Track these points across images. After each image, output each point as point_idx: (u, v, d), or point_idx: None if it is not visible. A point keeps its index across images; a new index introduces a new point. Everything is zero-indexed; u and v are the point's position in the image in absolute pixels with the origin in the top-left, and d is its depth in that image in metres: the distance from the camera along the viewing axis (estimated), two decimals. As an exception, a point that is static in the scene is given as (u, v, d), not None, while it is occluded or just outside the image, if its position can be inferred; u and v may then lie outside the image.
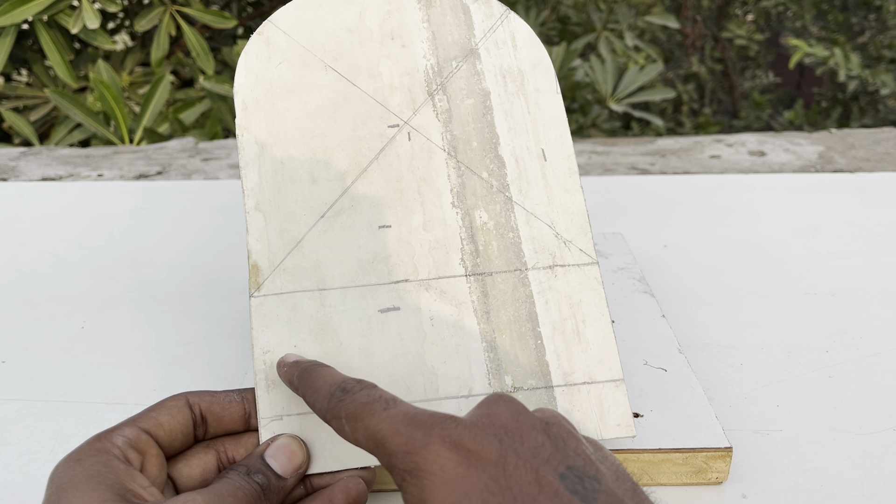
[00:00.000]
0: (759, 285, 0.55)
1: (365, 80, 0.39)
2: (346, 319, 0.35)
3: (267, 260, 0.36)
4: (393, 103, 0.39)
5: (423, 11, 0.41)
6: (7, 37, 1.11)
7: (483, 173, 0.38)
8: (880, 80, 2.34)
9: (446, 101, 0.39)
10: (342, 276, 0.36)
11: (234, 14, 1.60)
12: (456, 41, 0.40)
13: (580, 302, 0.36)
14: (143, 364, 0.47)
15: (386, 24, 0.40)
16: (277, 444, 0.32)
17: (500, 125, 0.39)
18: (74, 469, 0.28)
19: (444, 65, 0.40)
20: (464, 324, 0.35)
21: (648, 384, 0.41)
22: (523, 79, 0.40)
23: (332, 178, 0.37)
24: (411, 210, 0.37)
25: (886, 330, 0.49)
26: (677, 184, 0.75)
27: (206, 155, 0.90)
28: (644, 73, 1.57)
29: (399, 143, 0.38)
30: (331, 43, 0.40)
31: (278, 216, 0.37)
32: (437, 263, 0.36)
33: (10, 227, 0.67)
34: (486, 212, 0.38)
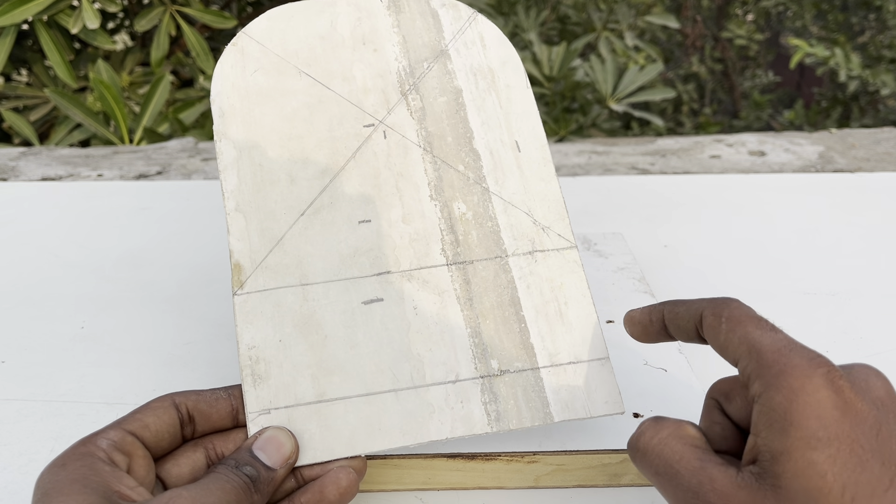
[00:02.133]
0: (759, 285, 0.55)
1: (339, 84, 0.40)
2: (330, 312, 0.35)
3: (249, 258, 0.36)
4: (367, 104, 0.40)
5: (393, 17, 0.42)
6: (7, 37, 1.11)
7: (459, 166, 0.39)
8: (880, 80, 2.34)
9: (420, 100, 0.40)
10: (324, 270, 0.36)
11: (234, 14, 1.60)
12: (426, 44, 0.42)
13: (561, 285, 0.37)
14: (143, 364, 0.47)
15: (357, 30, 0.42)
16: (265, 436, 0.32)
17: (473, 120, 0.40)
18: (59, 474, 0.28)
19: (416, 66, 0.41)
20: (447, 311, 0.36)
21: (648, 384, 0.41)
22: (493, 76, 0.41)
23: (310, 177, 0.38)
24: (390, 204, 0.38)
25: (886, 330, 0.49)
26: (677, 184, 0.75)
27: (206, 155, 0.90)
28: (644, 73, 1.57)
29: (375, 142, 0.39)
30: (304, 50, 0.41)
31: (258, 216, 0.37)
32: (418, 254, 0.37)
33: (9, 227, 0.66)
34: (463, 203, 0.38)
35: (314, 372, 0.34)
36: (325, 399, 0.34)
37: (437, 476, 0.35)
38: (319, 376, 0.34)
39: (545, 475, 0.35)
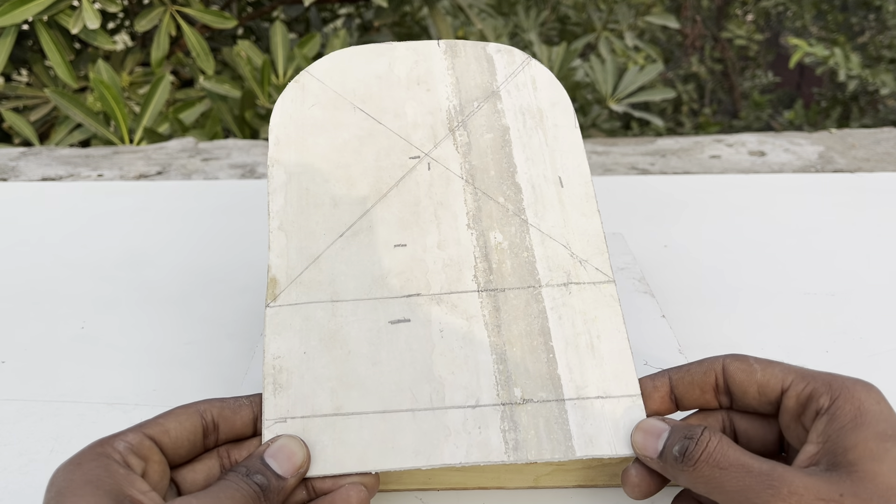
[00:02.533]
0: (759, 285, 0.55)
1: (390, 119, 0.42)
2: (357, 329, 0.36)
3: (285, 274, 0.38)
4: (415, 138, 0.42)
5: (449, 61, 0.45)
6: (7, 37, 1.11)
7: (499, 198, 0.40)
8: (880, 79, 2.34)
9: (466, 136, 0.42)
10: (356, 289, 0.37)
11: (235, 14, 1.60)
12: (478, 85, 0.44)
13: (595, 318, 0.36)
14: (143, 364, 0.47)
15: (413, 72, 0.44)
16: (277, 444, 0.32)
17: (517, 156, 0.41)
18: (74, 473, 0.28)
19: (466, 105, 0.43)
20: (474, 336, 0.36)
21: (648, 384, 0.41)
22: (542, 115, 0.43)
23: (352, 202, 0.40)
24: (427, 231, 0.39)
25: (886, 330, 0.49)
26: (677, 184, 0.75)
27: (206, 155, 0.90)
28: (644, 73, 1.57)
29: (418, 172, 0.41)
30: (360, 88, 0.43)
31: (299, 235, 0.39)
32: (449, 279, 0.37)
33: (10, 227, 0.67)
34: (500, 233, 0.39)
35: (334, 385, 0.34)
36: (342, 413, 0.34)
37: (437, 476, 0.35)
38: (338, 390, 0.34)
39: (545, 475, 0.35)
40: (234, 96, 1.18)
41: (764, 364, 0.33)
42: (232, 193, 0.74)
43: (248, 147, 0.93)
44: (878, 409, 0.29)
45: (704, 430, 0.30)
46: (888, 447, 0.28)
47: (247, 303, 0.54)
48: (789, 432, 0.32)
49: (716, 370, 0.33)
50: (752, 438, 0.33)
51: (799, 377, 0.31)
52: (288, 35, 1.27)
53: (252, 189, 0.75)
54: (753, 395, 0.32)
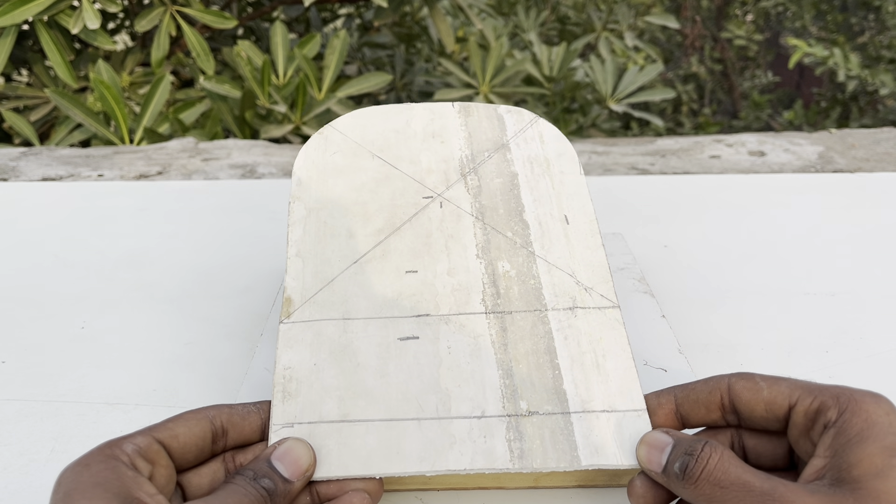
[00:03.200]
0: (758, 285, 0.55)
1: (406, 165, 0.46)
2: (366, 344, 0.37)
3: (300, 294, 0.40)
4: (429, 181, 0.45)
5: (462, 119, 0.49)
6: (7, 37, 1.11)
7: (507, 233, 0.42)
8: (879, 80, 2.34)
9: (477, 180, 0.45)
10: (367, 308, 0.39)
11: (235, 14, 1.60)
12: (489, 138, 0.47)
13: (600, 339, 0.37)
14: (143, 364, 0.47)
15: (429, 127, 0.48)
16: (284, 447, 0.32)
17: (525, 197, 0.44)
18: (82, 475, 0.28)
19: (478, 154, 0.47)
20: (480, 352, 0.37)
21: (648, 384, 0.41)
22: (549, 164, 0.46)
23: (367, 234, 0.42)
24: (437, 259, 0.41)
25: (886, 330, 0.49)
26: (677, 184, 0.75)
27: (207, 155, 0.90)
28: (644, 73, 1.57)
29: (431, 210, 0.44)
30: (379, 140, 0.47)
31: (315, 262, 0.41)
32: (458, 302, 0.39)
33: (10, 227, 0.67)
34: (508, 262, 0.41)
35: (342, 394, 0.35)
36: (348, 419, 0.34)
37: (438, 476, 0.35)
38: (346, 398, 0.35)
39: (545, 475, 0.36)
40: (235, 96, 1.18)
41: (770, 381, 0.32)
42: (232, 193, 0.74)
43: (249, 147, 0.93)
44: (887, 422, 0.29)
45: (706, 446, 0.30)
46: (894, 463, 0.27)
47: (247, 303, 0.54)
48: (799, 448, 0.32)
49: (721, 389, 0.33)
50: (762, 455, 0.33)
51: (806, 392, 0.31)
52: (288, 35, 1.27)
53: (252, 189, 0.75)
54: (761, 412, 0.32)
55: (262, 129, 1.14)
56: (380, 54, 1.78)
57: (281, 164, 0.87)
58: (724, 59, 3.23)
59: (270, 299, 0.54)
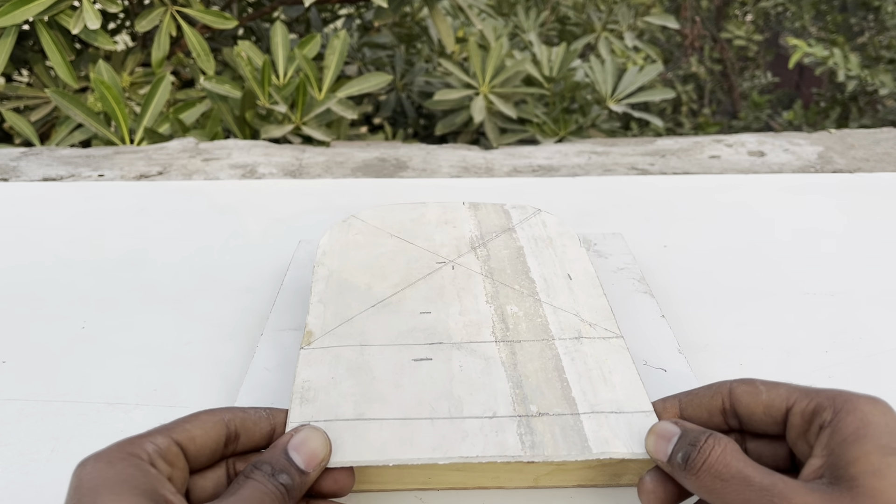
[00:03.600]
0: (759, 285, 0.55)
1: (421, 241, 0.51)
2: (382, 363, 0.39)
3: (320, 328, 0.42)
4: (442, 252, 0.50)
5: (472, 212, 0.55)
6: (8, 37, 1.11)
7: (515, 286, 0.46)
8: (879, 80, 2.34)
9: (486, 252, 0.50)
10: (383, 338, 0.41)
11: (235, 15, 1.60)
12: (496, 224, 0.53)
13: (606, 360, 0.39)
14: (143, 364, 0.47)
15: (441, 217, 0.54)
16: (301, 436, 0.32)
17: (531, 261, 0.49)
18: (106, 472, 0.28)
19: (486, 234, 0.52)
20: (491, 370, 0.39)
21: (648, 384, 0.41)
22: (552, 240, 0.51)
23: (385, 287, 0.46)
24: (450, 304, 0.44)
25: (886, 330, 0.50)
26: (677, 184, 0.75)
27: (207, 155, 0.90)
28: (643, 73, 1.57)
29: (444, 271, 0.48)
30: (397, 225, 0.53)
31: (336, 306, 0.44)
32: (469, 334, 0.42)
33: (10, 227, 0.67)
34: (516, 306, 0.44)
35: (357, 399, 0.37)
36: (364, 418, 0.35)
37: (437, 476, 0.35)
38: (361, 402, 0.36)
39: (545, 475, 0.36)
40: (235, 97, 1.18)
41: (769, 385, 0.33)
42: (232, 193, 0.74)
43: (249, 147, 0.93)
44: (884, 422, 0.29)
45: (709, 437, 0.30)
46: (890, 462, 0.28)
47: (247, 303, 0.54)
48: (797, 449, 0.32)
49: (723, 394, 0.34)
50: (763, 458, 0.34)
51: (803, 394, 0.32)
52: (288, 35, 1.27)
53: (252, 189, 0.75)
54: (760, 415, 0.33)
55: (263, 130, 1.14)
56: (380, 54, 1.78)
57: (281, 164, 0.87)
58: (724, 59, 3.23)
59: (270, 299, 0.54)
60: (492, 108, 1.45)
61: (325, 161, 0.88)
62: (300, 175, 0.84)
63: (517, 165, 0.86)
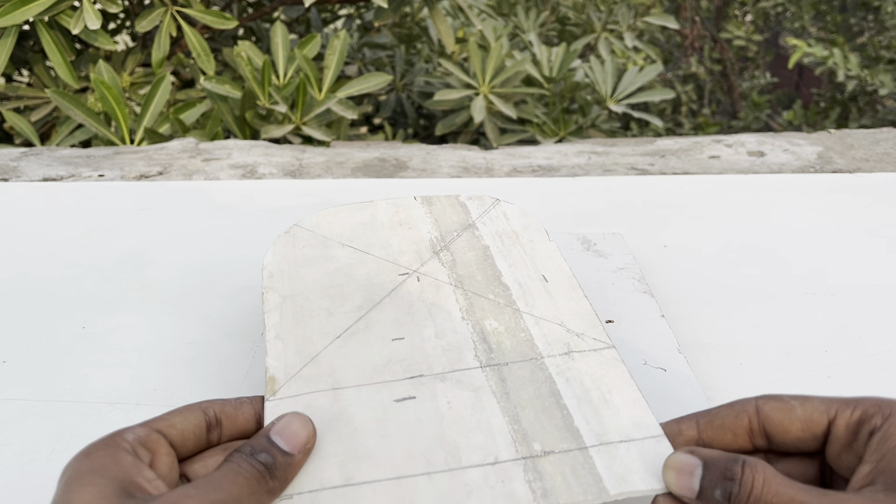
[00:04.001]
0: (759, 285, 0.55)
1: (377, 250, 0.46)
2: (361, 409, 0.35)
3: (283, 372, 0.38)
4: (402, 261, 0.45)
5: (426, 208, 0.50)
6: (8, 37, 1.11)
7: (489, 295, 0.42)
8: (879, 80, 2.34)
9: (450, 255, 0.46)
10: (356, 377, 0.37)
11: (235, 15, 1.60)
12: (455, 221, 0.49)
13: (602, 377, 0.37)
14: (143, 364, 0.47)
15: (394, 217, 0.49)
16: (283, 421, 0.33)
17: (500, 264, 0.45)
18: (82, 463, 0.29)
19: (447, 234, 0.47)
20: (483, 403, 0.35)
21: (648, 384, 0.41)
22: (517, 235, 0.47)
23: (347, 311, 0.41)
24: (423, 325, 0.40)
25: (886, 330, 0.50)
26: (677, 184, 0.75)
27: (207, 155, 0.90)
28: (643, 73, 1.57)
29: (409, 284, 0.43)
30: (347, 232, 0.48)
31: (296, 341, 0.40)
32: (450, 361, 0.38)
33: (11, 227, 0.67)
34: (495, 320, 0.40)
35: (342, 459, 0.33)
36: (353, 483, 0.32)
37: None
38: (347, 462, 0.33)
39: None
40: (235, 97, 1.18)
41: (800, 399, 0.31)
42: (232, 193, 0.74)
43: (249, 147, 0.93)
44: None
45: (745, 467, 0.29)
46: None
47: (247, 303, 0.54)
48: (840, 463, 0.31)
49: (748, 412, 0.32)
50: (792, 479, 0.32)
51: (844, 404, 0.31)
52: (288, 36, 1.27)
53: (252, 189, 0.75)
54: (796, 432, 0.31)
55: (263, 130, 1.14)
56: (380, 55, 1.78)
57: (281, 164, 0.87)
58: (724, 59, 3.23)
59: (271, 299, 0.54)
60: (492, 108, 1.45)
61: (325, 161, 0.88)
62: (300, 175, 0.84)
63: (517, 165, 0.86)
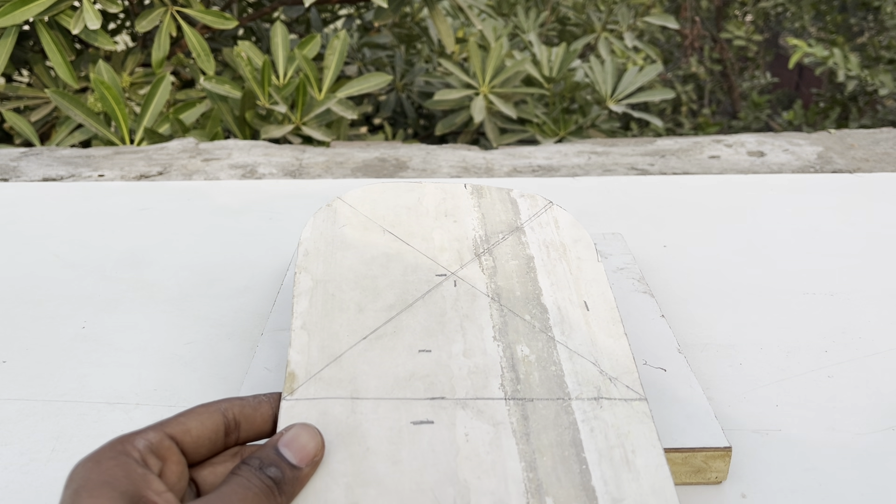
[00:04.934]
0: (759, 285, 0.55)
1: (418, 242, 0.45)
2: (377, 427, 0.34)
3: (304, 370, 0.37)
4: (442, 259, 0.44)
5: (475, 200, 0.48)
6: (8, 37, 1.11)
7: (525, 316, 0.40)
8: (879, 80, 2.34)
9: (492, 261, 0.44)
10: (377, 388, 0.36)
11: (235, 15, 1.60)
12: (503, 221, 0.47)
13: (628, 433, 0.35)
14: (143, 364, 0.47)
15: (441, 206, 0.48)
16: (291, 433, 0.32)
17: (542, 280, 0.43)
18: (92, 471, 0.28)
19: (492, 235, 0.46)
20: (501, 442, 0.34)
21: (648, 384, 0.41)
22: (565, 249, 0.45)
23: (378, 309, 0.40)
24: (452, 339, 0.39)
25: (886, 330, 0.50)
26: (677, 184, 0.75)
27: (207, 155, 0.90)
28: (643, 73, 1.57)
29: (445, 288, 0.42)
30: (390, 215, 0.47)
31: (322, 335, 0.39)
32: (475, 386, 0.37)
33: (11, 227, 0.67)
34: (527, 346, 0.39)
35: (349, 481, 0.32)
36: None
37: None
38: (354, 486, 0.32)
39: None
40: (235, 97, 1.18)
41: None
42: (232, 193, 0.74)
43: (249, 147, 0.93)
44: None
45: None
46: None
47: (247, 303, 0.54)
48: None
49: None
50: None
51: None
52: (288, 36, 1.27)
53: (252, 189, 0.75)
54: None
55: (263, 130, 1.14)
56: (380, 55, 1.78)
57: (281, 164, 0.87)
58: (724, 59, 3.23)
59: (270, 299, 0.54)
60: (492, 108, 1.45)
61: (325, 161, 0.88)
62: (300, 175, 0.84)
63: (517, 165, 0.86)
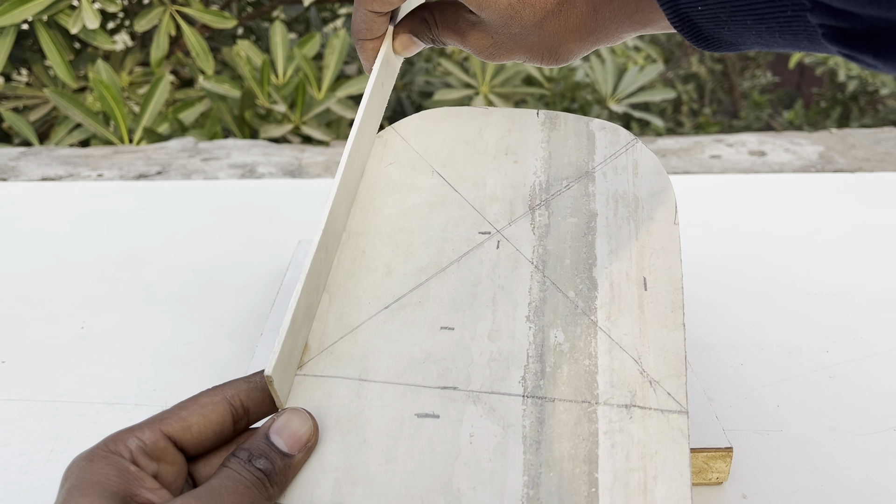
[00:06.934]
0: (759, 285, 0.55)
1: (468, 188, 0.40)
2: (378, 416, 0.32)
3: (318, 341, 0.35)
4: (490, 212, 0.39)
5: (546, 133, 0.41)
6: (7, 37, 1.11)
7: (570, 292, 0.36)
8: (880, 80, 2.34)
9: (546, 217, 0.38)
10: (388, 369, 0.34)
11: (234, 14, 1.59)
12: (572, 163, 0.40)
13: (655, 453, 0.31)
14: (143, 364, 0.47)
15: (503, 141, 0.41)
16: (281, 420, 0.31)
17: (600, 247, 0.37)
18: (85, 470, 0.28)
19: (554, 183, 0.40)
20: (507, 449, 0.31)
21: (649, 384, 0.41)
22: (637, 205, 0.38)
23: (407, 272, 0.37)
24: (480, 316, 0.35)
25: (886, 330, 0.49)
26: (677, 184, 0.75)
27: (206, 155, 0.90)
28: (644, 73, 1.57)
29: (485, 250, 0.37)
30: (444, 151, 0.41)
31: (342, 301, 0.36)
32: (493, 376, 0.33)
33: (10, 227, 0.66)
34: (563, 332, 0.34)
35: (339, 477, 0.31)
36: None
37: None
38: (343, 483, 0.31)
39: None
40: (234, 96, 1.18)
41: None
42: (232, 193, 0.74)
43: (248, 147, 0.93)
44: None
45: None
46: None
47: (247, 303, 0.54)
48: None
49: None
50: None
51: None
52: (288, 35, 1.27)
53: (252, 189, 0.75)
54: None
55: (262, 129, 1.14)
56: (380, 54, 1.78)
57: (281, 163, 0.87)
58: (725, 58, 3.23)
59: (270, 299, 0.54)
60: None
61: (325, 161, 0.88)
62: (300, 175, 0.84)
63: (517, 165, 0.86)
